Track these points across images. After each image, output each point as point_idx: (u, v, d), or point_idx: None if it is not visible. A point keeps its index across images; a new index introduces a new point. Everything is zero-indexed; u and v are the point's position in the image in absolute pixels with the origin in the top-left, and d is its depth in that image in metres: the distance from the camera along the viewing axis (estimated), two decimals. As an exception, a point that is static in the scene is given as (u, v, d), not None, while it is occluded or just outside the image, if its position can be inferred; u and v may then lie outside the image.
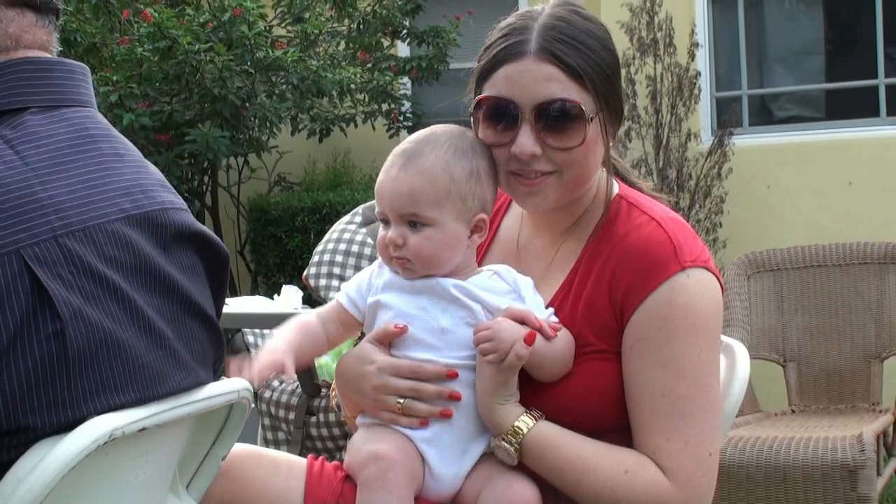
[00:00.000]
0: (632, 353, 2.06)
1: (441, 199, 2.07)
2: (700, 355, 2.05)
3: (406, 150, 2.13)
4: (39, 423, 1.67)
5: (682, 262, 2.05)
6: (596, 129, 2.09)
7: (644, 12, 7.29)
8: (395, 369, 2.08)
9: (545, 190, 2.11)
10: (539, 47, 2.06)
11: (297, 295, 5.07)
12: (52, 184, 1.74)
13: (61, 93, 1.88)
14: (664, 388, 2.03)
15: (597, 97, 2.08)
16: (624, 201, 2.18)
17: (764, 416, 5.25)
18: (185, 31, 7.74)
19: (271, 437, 4.75)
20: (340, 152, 9.14)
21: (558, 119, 2.06)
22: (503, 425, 2.04)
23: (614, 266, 2.09)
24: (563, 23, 2.09)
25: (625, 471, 2.02)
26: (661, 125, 7.26)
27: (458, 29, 8.79)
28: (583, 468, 2.03)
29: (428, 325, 2.08)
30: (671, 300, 2.04)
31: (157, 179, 1.94)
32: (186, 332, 1.90)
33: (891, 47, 7.70)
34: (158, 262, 1.84)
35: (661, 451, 2.03)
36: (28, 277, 1.65)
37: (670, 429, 2.03)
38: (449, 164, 2.08)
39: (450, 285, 2.07)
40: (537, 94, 2.06)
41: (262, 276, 8.57)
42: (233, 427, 2.09)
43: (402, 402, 2.06)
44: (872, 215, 7.10)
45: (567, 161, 2.08)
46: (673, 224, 2.12)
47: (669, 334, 2.04)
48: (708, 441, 2.05)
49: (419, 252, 2.06)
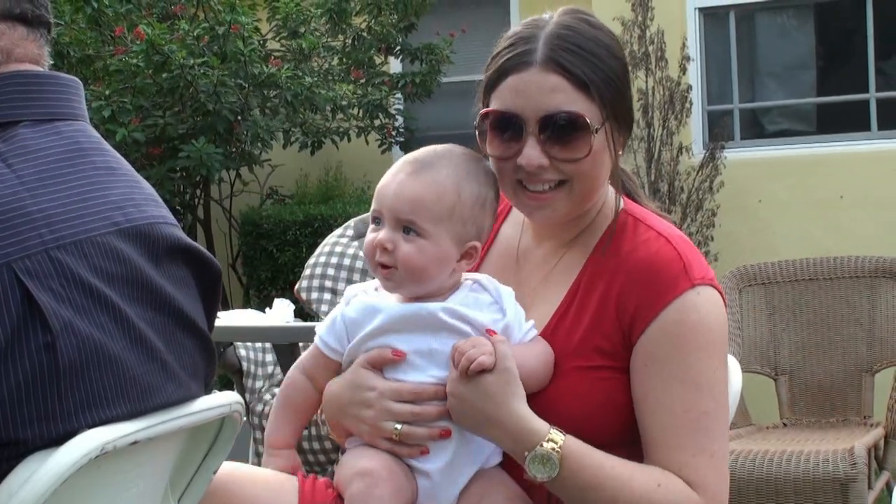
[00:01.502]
0: (646, 371, 2.04)
1: (443, 216, 2.04)
2: (716, 372, 2.05)
3: (419, 158, 2.09)
4: (30, 435, 1.66)
5: (692, 279, 2.04)
6: (603, 140, 2.06)
7: (636, 26, 7.31)
8: (397, 394, 2.04)
9: (554, 203, 2.09)
10: (545, 57, 2.03)
11: (289, 308, 5.06)
12: (43, 197, 1.74)
13: (53, 106, 1.88)
14: (685, 405, 2.02)
15: (604, 107, 2.05)
16: (630, 217, 2.16)
17: (755, 429, 5.26)
18: (179, 45, 7.74)
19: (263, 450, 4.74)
20: (332, 166, 9.15)
21: (563, 130, 2.03)
22: (539, 431, 1.97)
23: (622, 282, 2.07)
24: (571, 31, 2.06)
25: (658, 484, 1.99)
26: (653, 139, 7.28)
27: (451, 46, 8.80)
28: (618, 481, 1.99)
29: (417, 349, 2.05)
30: (683, 318, 2.03)
31: (148, 194, 1.94)
32: (178, 346, 1.90)
33: (882, 61, 7.72)
34: (150, 275, 1.84)
35: (688, 466, 2.01)
36: (19, 290, 1.65)
37: (695, 444, 2.01)
38: (460, 184, 2.06)
39: (438, 311, 2.04)
40: (542, 105, 2.03)
41: (253, 290, 8.57)
42: (224, 441, 2.08)
43: (399, 429, 2.03)
44: (864, 229, 7.12)
45: (576, 171, 2.06)
46: (681, 241, 2.10)
47: (684, 351, 2.02)
48: (727, 453, 2.06)
49: (407, 261, 2.03)
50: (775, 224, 7.40)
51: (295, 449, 2.20)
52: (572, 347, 2.09)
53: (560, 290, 2.15)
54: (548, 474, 1.97)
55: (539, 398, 2.05)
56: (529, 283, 2.19)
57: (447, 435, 2.03)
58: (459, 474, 2.06)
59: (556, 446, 1.96)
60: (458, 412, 2.01)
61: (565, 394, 2.06)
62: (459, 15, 9.09)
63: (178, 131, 7.99)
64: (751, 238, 7.38)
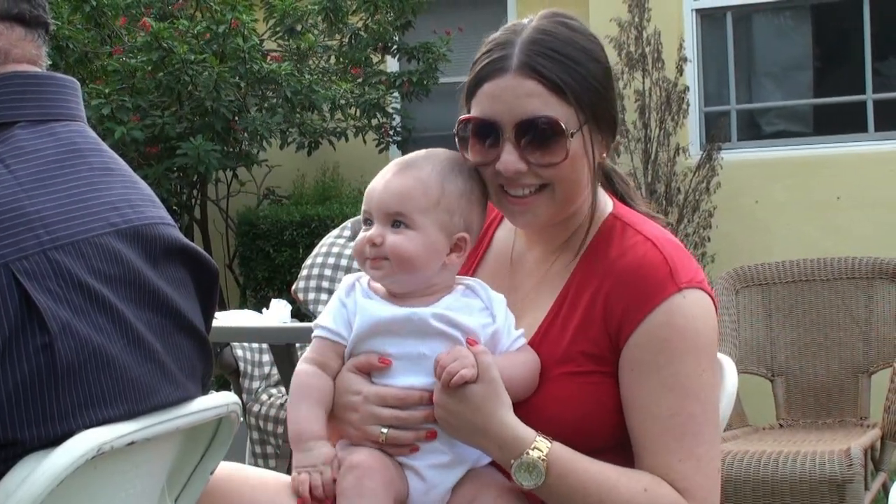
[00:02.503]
0: (633, 376, 2.04)
1: (430, 207, 2.06)
2: (702, 375, 2.04)
3: (404, 160, 2.12)
4: (28, 436, 1.66)
5: (678, 283, 2.04)
6: (580, 143, 2.07)
7: (632, 27, 7.31)
8: (381, 399, 2.05)
9: (536, 208, 2.10)
10: (519, 63, 2.04)
11: (286, 309, 5.07)
12: (40, 198, 1.74)
13: (50, 107, 1.88)
14: (671, 409, 2.02)
15: (581, 110, 2.06)
16: (618, 221, 2.16)
17: (752, 430, 5.26)
18: (180, 41, 7.74)
19: (260, 450, 4.75)
20: (329, 166, 9.14)
21: (539, 135, 2.04)
22: (525, 439, 1.98)
23: (609, 287, 2.07)
24: (547, 36, 2.07)
25: (644, 489, 1.99)
26: (650, 140, 7.28)
27: (448, 45, 8.80)
28: (605, 485, 1.99)
29: (407, 354, 2.06)
30: (669, 322, 2.03)
31: (146, 195, 1.94)
32: (175, 347, 1.90)
33: (879, 62, 7.73)
34: (147, 275, 1.84)
35: (675, 471, 2.01)
36: (17, 291, 1.65)
37: (681, 449, 2.01)
38: (444, 178, 2.08)
39: (428, 317, 2.04)
40: (518, 111, 2.04)
41: (250, 290, 8.56)
42: (221, 441, 2.08)
43: (386, 433, 2.03)
44: (861, 230, 7.12)
45: (554, 176, 2.07)
46: (668, 244, 2.10)
47: (671, 356, 2.02)
48: (716, 457, 2.06)
49: (396, 249, 2.04)
50: (772, 225, 7.40)
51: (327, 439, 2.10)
52: (561, 352, 2.09)
53: (551, 296, 2.16)
54: (534, 482, 1.97)
55: (528, 404, 2.06)
56: (523, 289, 2.20)
57: (433, 437, 2.04)
58: (450, 472, 2.07)
59: (541, 454, 1.97)
60: (445, 422, 2.02)
61: (554, 399, 2.07)
62: (456, 14, 9.09)
63: (175, 130, 7.98)
64: (748, 239, 7.38)
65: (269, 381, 5.00)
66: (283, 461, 4.52)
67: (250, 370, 5.00)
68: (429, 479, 2.06)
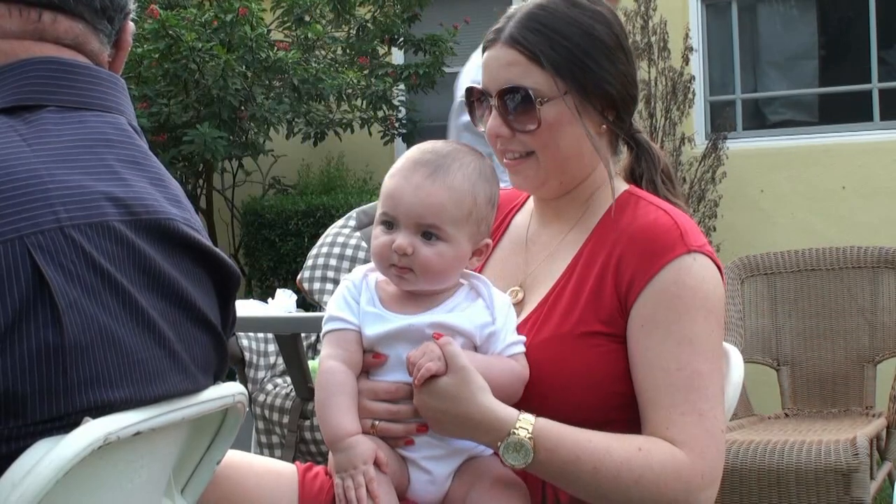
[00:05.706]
0: (642, 332, 2.05)
1: (462, 219, 2.06)
2: (711, 335, 2.06)
3: (430, 161, 2.09)
4: (30, 409, 1.66)
5: (688, 245, 2.07)
6: (559, 112, 2.13)
7: (638, 16, 7.31)
8: (373, 393, 2.06)
9: (525, 171, 2.19)
10: (507, 35, 2.15)
11: (291, 298, 5.07)
12: (62, 176, 1.74)
13: (84, 96, 1.88)
14: (679, 363, 2.02)
15: (561, 79, 2.12)
16: (632, 196, 2.21)
17: (758, 419, 5.26)
18: (188, 28, 7.74)
19: (265, 440, 4.75)
20: (334, 156, 9.15)
21: (513, 103, 2.14)
22: (508, 420, 1.97)
23: (620, 252, 2.10)
24: (542, 10, 2.16)
25: (638, 448, 1.99)
26: (656, 129, 7.28)
27: (455, 38, 8.79)
28: (597, 452, 1.98)
29: (398, 356, 2.06)
30: (679, 279, 2.05)
31: (173, 194, 1.93)
32: (189, 337, 1.90)
33: (884, 51, 7.72)
34: (163, 266, 1.84)
35: (676, 424, 2.01)
36: (29, 265, 1.65)
37: (685, 402, 2.01)
38: (475, 187, 2.09)
39: (424, 328, 2.05)
40: (501, 79, 2.15)
41: (255, 280, 8.57)
42: (228, 432, 2.08)
43: (377, 424, 2.05)
44: (866, 219, 7.12)
45: (535, 143, 2.15)
46: (680, 215, 2.14)
47: (681, 312, 2.04)
48: (720, 418, 2.05)
49: (428, 265, 2.04)
50: (777, 214, 7.40)
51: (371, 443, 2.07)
52: (573, 316, 2.11)
53: (563, 263, 2.20)
54: (524, 461, 1.97)
55: (539, 370, 2.09)
56: (536, 261, 2.25)
57: (424, 430, 2.05)
58: (447, 463, 2.09)
59: (527, 432, 1.96)
60: (430, 420, 2.03)
61: (564, 361, 2.09)
62: (463, 6, 9.07)
63: (181, 119, 7.98)
64: (753, 228, 7.38)
65: (275, 371, 5.00)
66: (288, 450, 4.52)
67: (256, 360, 5.00)
68: (427, 469, 2.08)
